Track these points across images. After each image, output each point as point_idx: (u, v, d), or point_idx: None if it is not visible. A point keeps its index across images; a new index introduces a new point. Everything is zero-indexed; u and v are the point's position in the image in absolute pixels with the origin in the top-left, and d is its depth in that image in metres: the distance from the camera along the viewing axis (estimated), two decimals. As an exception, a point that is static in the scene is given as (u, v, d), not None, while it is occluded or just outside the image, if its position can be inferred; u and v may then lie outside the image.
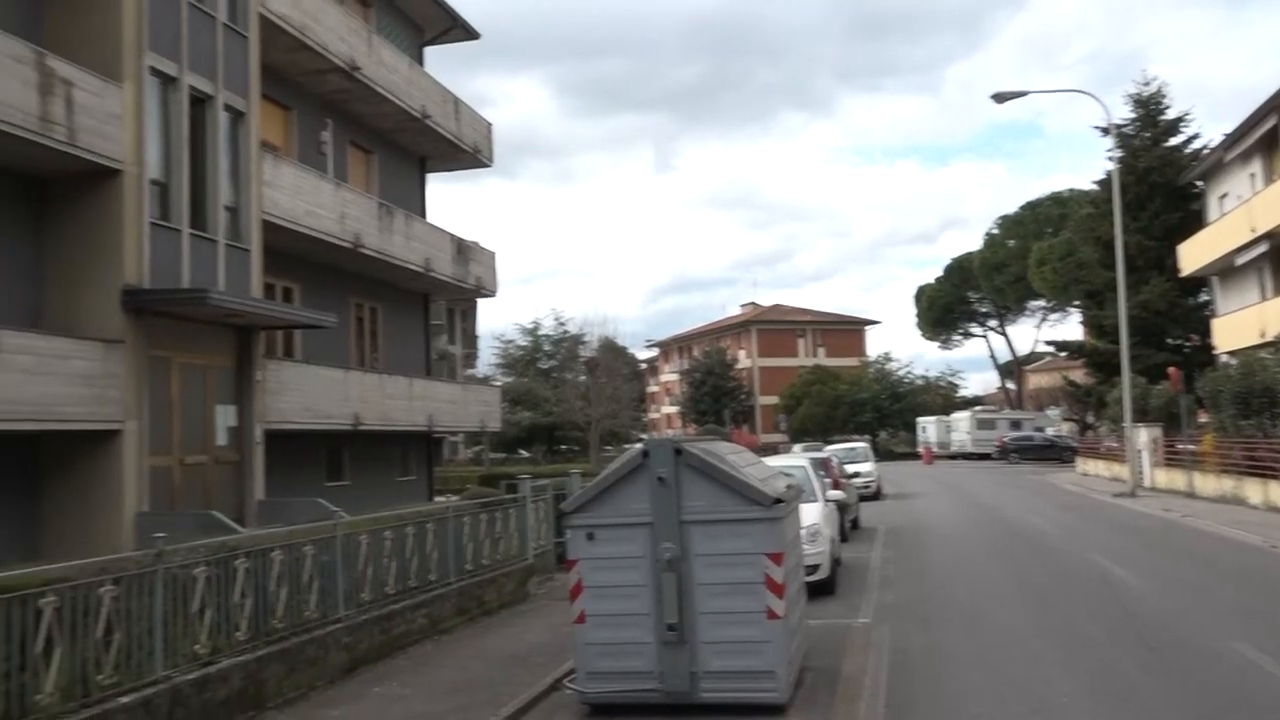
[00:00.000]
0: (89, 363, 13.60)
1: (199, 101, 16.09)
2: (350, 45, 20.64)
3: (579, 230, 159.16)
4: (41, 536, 13.88)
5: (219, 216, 16.29)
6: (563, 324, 60.35)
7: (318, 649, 9.37)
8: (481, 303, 45.22)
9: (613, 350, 56.54)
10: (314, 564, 9.62)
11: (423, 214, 26.12)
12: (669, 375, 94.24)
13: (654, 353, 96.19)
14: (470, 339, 53.46)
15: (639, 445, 8.60)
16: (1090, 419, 49.62)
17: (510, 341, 61.75)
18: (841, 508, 18.37)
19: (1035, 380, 78.40)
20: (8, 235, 13.89)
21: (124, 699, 7.02)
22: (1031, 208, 68.40)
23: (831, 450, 29.80)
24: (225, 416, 16.46)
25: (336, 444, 21.40)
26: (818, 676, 9.04)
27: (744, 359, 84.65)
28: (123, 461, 13.98)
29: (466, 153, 27.05)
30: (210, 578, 8.23)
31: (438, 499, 23.88)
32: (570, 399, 49.99)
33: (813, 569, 12.65)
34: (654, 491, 8.10)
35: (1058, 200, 65.33)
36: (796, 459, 19.41)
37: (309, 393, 18.71)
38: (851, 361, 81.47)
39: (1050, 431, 60.68)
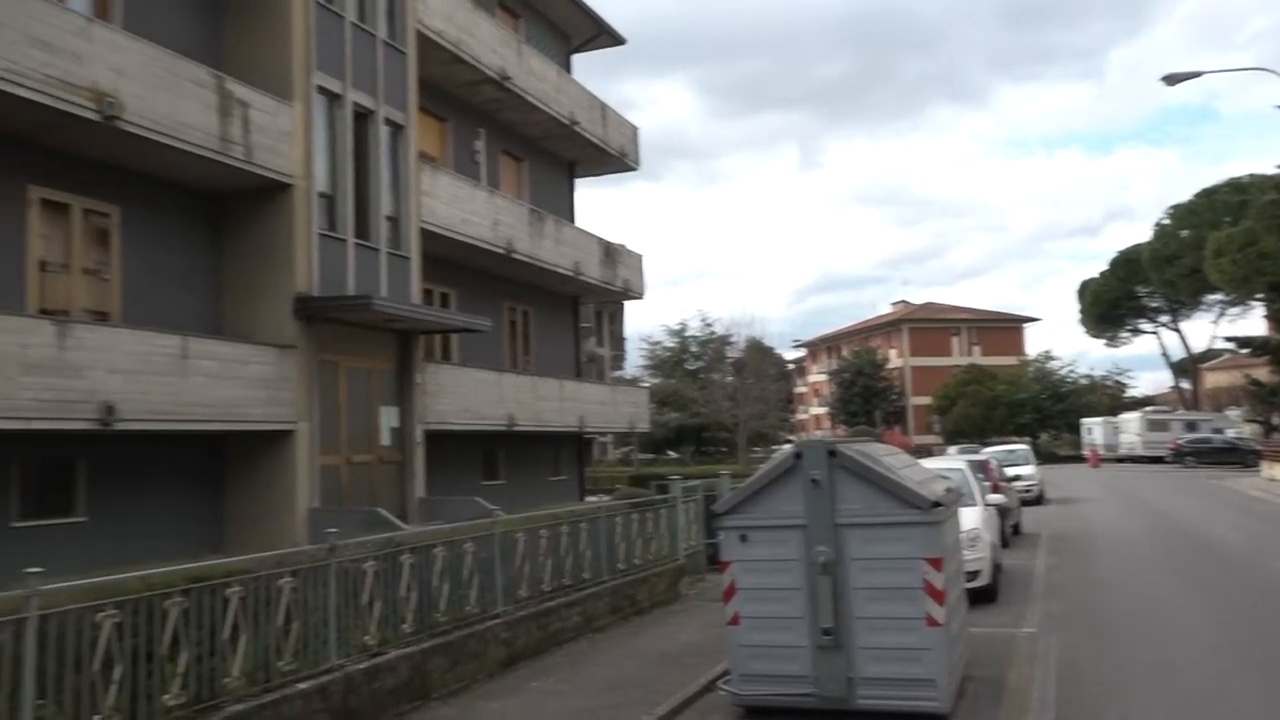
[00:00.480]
0: (265, 367, 14.44)
1: (362, 116, 16.86)
2: (501, 56, 21.22)
3: (724, 231, 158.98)
4: (225, 530, 14.83)
5: (381, 226, 17.03)
6: (709, 325, 60.30)
7: (478, 643, 9.65)
8: (629, 305, 45.71)
9: (759, 351, 56.10)
10: (474, 560, 9.91)
11: (571, 219, 26.60)
12: (817, 376, 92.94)
13: (801, 353, 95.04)
14: (618, 341, 54.07)
15: (791, 446, 8.50)
16: (1276, 420, 46.13)
17: (657, 343, 62.11)
18: (1002, 512, 17.70)
19: (1213, 379, 73.52)
20: (191, 249, 14.89)
21: (302, 685, 7.41)
22: (1208, 195, 64.10)
23: (990, 452, 28.75)
24: (389, 417, 17.18)
25: (491, 444, 22.02)
26: (981, 687, 8.72)
27: (895, 359, 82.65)
28: (296, 460, 14.77)
29: (613, 157, 27.40)
30: (378, 572, 8.59)
31: (589, 499, 24.26)
32: (717, 400, 49.91)
33: (973, 575, 12.21)
34: (808, 493, 7.98)
35: (1237, 186, 61.01)
36: (953, 461, 18.82)
37: (465, 395, 19.33)
38: (1009, 360, 78.34)
39: (1231, 434, 56.76)
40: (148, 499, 13.73)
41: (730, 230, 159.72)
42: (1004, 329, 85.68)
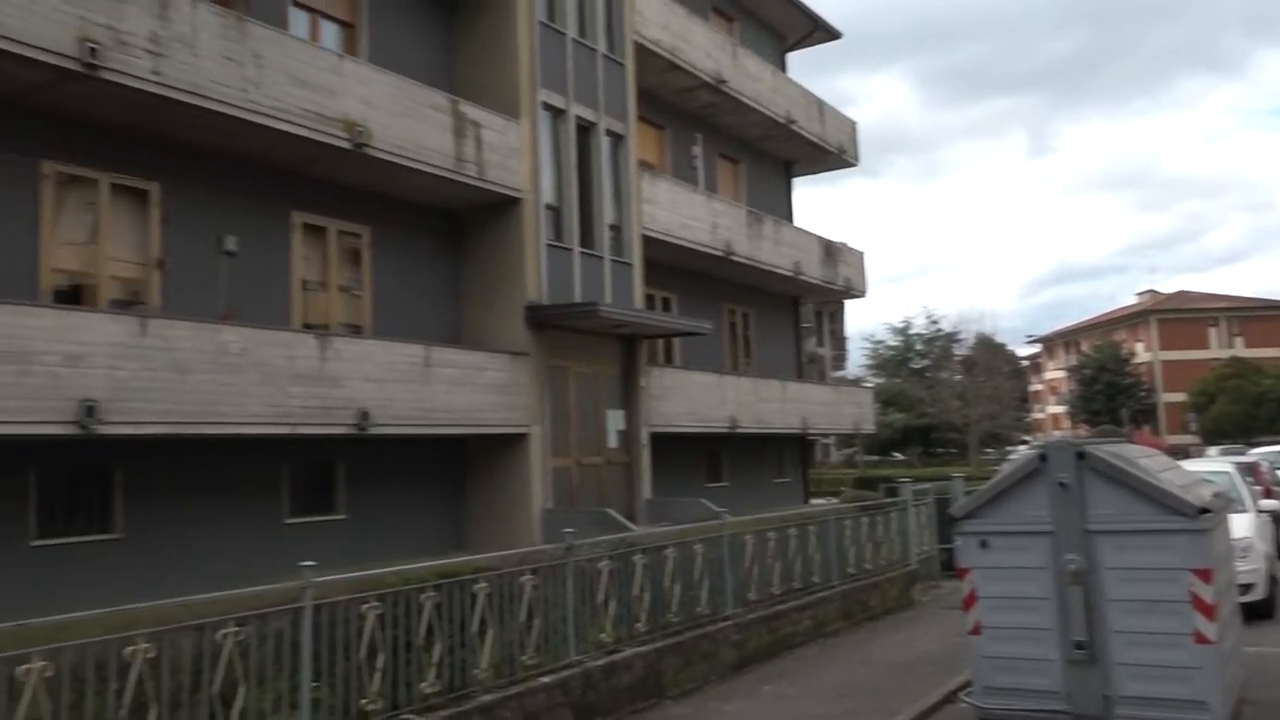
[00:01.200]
0: (500, 373, 15.16)
1: (584, 129, 17.40)
2: (716, 60, 21.33)
3: (948, 224, 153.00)
4: (466, 528, 15.68)
5: (604, 234, 17.51)
6: (935, 322, 58.11)
7: (710, 644, 9.70)
8: (850, 304, 44.78)
9: (990, 347, 53.53)
10: (703, 562, 9.97)
11: (790, 219, 26.38)
12: (1054, 372, 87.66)
13: (1036, 349, 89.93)
14: (839, 341, 53.07)
15: (1034, 448, 8.02)
16: None
17: (880, 342, 60.50)
18: (1277, 519, 16.00)
19: None
20: (432, 263, 15.85)
21: (544, 679, 7.69)
22: None
23: (1259, 454, 26.09)
24: (615, 421, 17.63)
25: (715, 446, 22.15)
26: (1260, 711, 7.92)
27: (1142, 352, 76.67)
28: (530, 462, 15.41)
29: (832, 154, 26.96)
30: (612, 571, 8.80)
31: (813, 501, 23.94)
32: (946, 399, 48.02)
33: (1246, 588, 11.11)
34: (1054, 498, 7.50)
35: None
36: (1217, 463, 17.19)
37: (689, 397, 19.54)
38: (1278, 352, 70.95)
39: None
40: (397, 498, 14.72)
41: (954, 223, 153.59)
42: (1271, 318, 77.68)
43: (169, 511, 11.89)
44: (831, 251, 25.99)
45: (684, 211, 19.91)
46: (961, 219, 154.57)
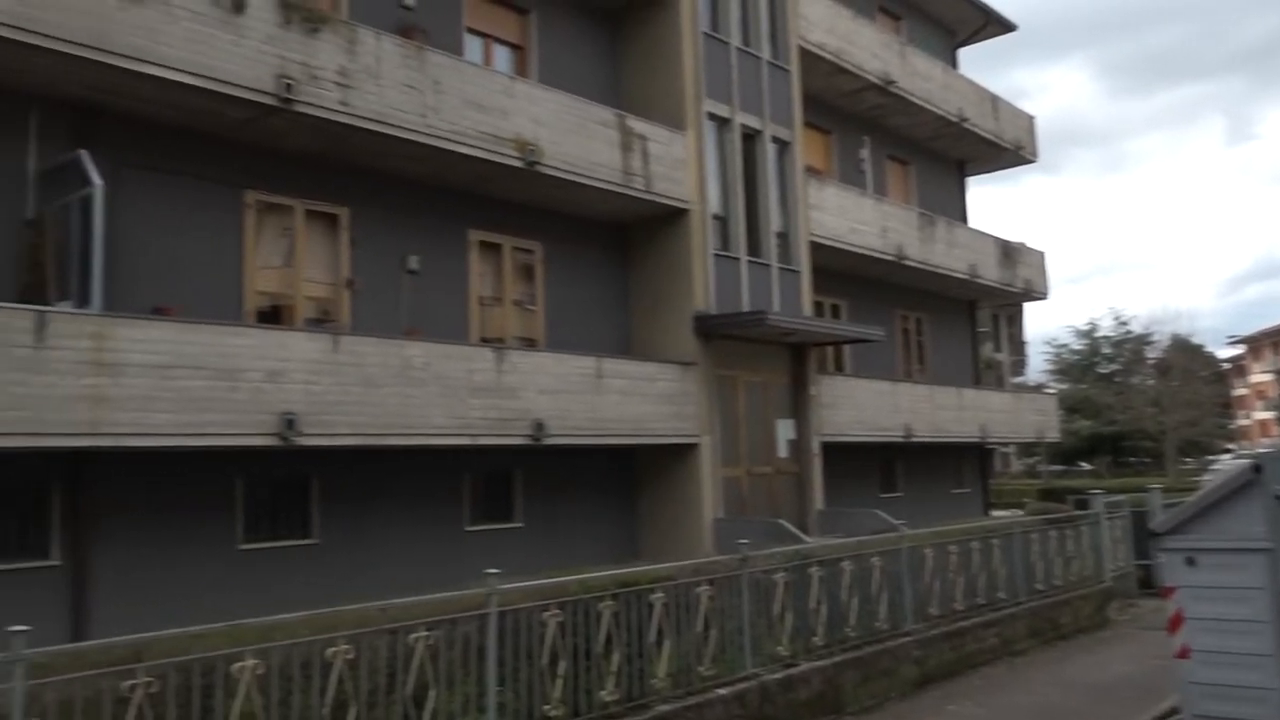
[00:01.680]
0: (669, 384, 15.24)
1: (749, 137, 17.34)
2: (884, 60, 20.85)
3: (1134, 220, 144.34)
4: (638, 537, 15.83)
5: (771, 242, 17.38)
6: (1124, 323, 54.78)
7: (890, 660, 9.43)
8: (1029, 307, 42.79)
9: (1187, 350, 50.07)
10: (881, 575, 9.71)
11: (964, 219, 25.47)
12: (1261, 375, 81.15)
13: (1239, 350, 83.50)
14: (1018, 345, 50.76)
15: (1245, 458, 7.41)
16: None
17: (1063, 346, 57.54)
18: None
19: None
20: (601, 276, 16.13)
21: (721, 690, 7.66)
22: None
23: None
24: (785, 430, 17.43)
25: (888, 455, 21.58)
26: None
27: (1363, 352, 70.00)
28: (701, 472, 15.43)
29: (1007, 151, 25.87)
30: (788, 583, 8.68)
31: (994, 513, 22.96)
32: (1138, 406, 45.20)
33: None
34: (1271, 513, 6.92)
35: None
36: None
37: (860, 405, 19.12)
38: None
39: None
40: (571, 507, 15.02)
41: (1142, 218, 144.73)
42: None
43: (360, 518, 12.53)
44: (1009, 252, 24.93)
45: (852, 216, 19.53)
46: (1150, 214, 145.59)
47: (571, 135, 14.23)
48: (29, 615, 8.92)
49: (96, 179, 9.65)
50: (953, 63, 25.92)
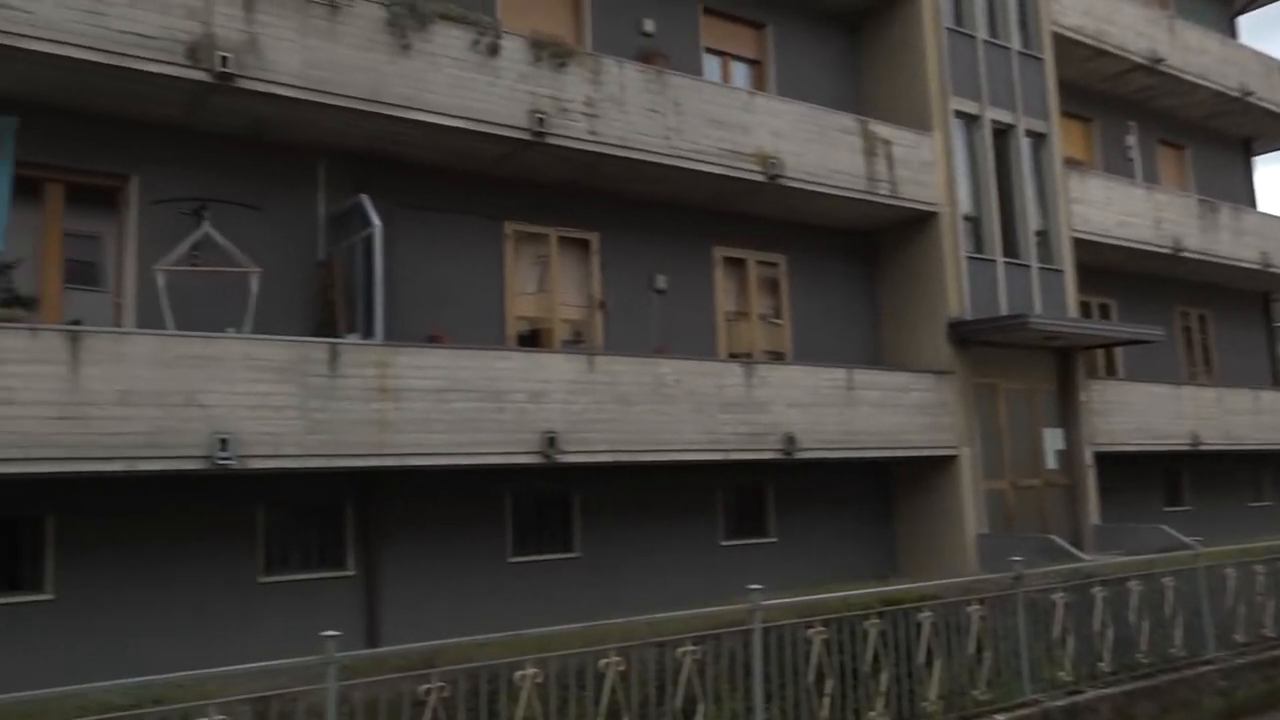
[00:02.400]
0: (923, 394, 14.69)
1: (1001, 133, 16.49)
2: (1150, 38, 19.27)
3: None
4: (896, 554, 15.32)
5: (1029, 241, 16.42)
6: None
7: (1189, 690, 8.59)
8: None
9: None
10: (1175, 597, 8.87)
11: (1252, 203, 23.03)
12: None
13: None
14: (1321, 340, 45.22)
15: None
16: None
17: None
18: None
19: None
20: (848, 285, 15.81)
21: (999, 716, 7.24)
22: None
23: None
24: (1052, 440, 16.36)
25: (1173, 466, 19.77)
26: None
27: None
28: (961, 485, 14.74)
29: (1302, 123, 23.20)
30: (1067, 604, 8.10)
31: (1303, 528, 20.48)
32: None
33: None
34: None
35: None
36: None
37: (1138, 412, 17.65)
38: None
39: None
40: (824, 522, 14.76)
41: None
42: None
43: (618, 533, 12.88)
44: (1309, 236, 22.27)
45: (1120, 208, 18.12)
46: None
47: (813, 145, 14.08)
48: (331, 620, 9.77)
49: (375, 220, 10.51)
50: (1231, 32, 23.60)
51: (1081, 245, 17.32)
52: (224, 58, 9.62)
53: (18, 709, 4.38)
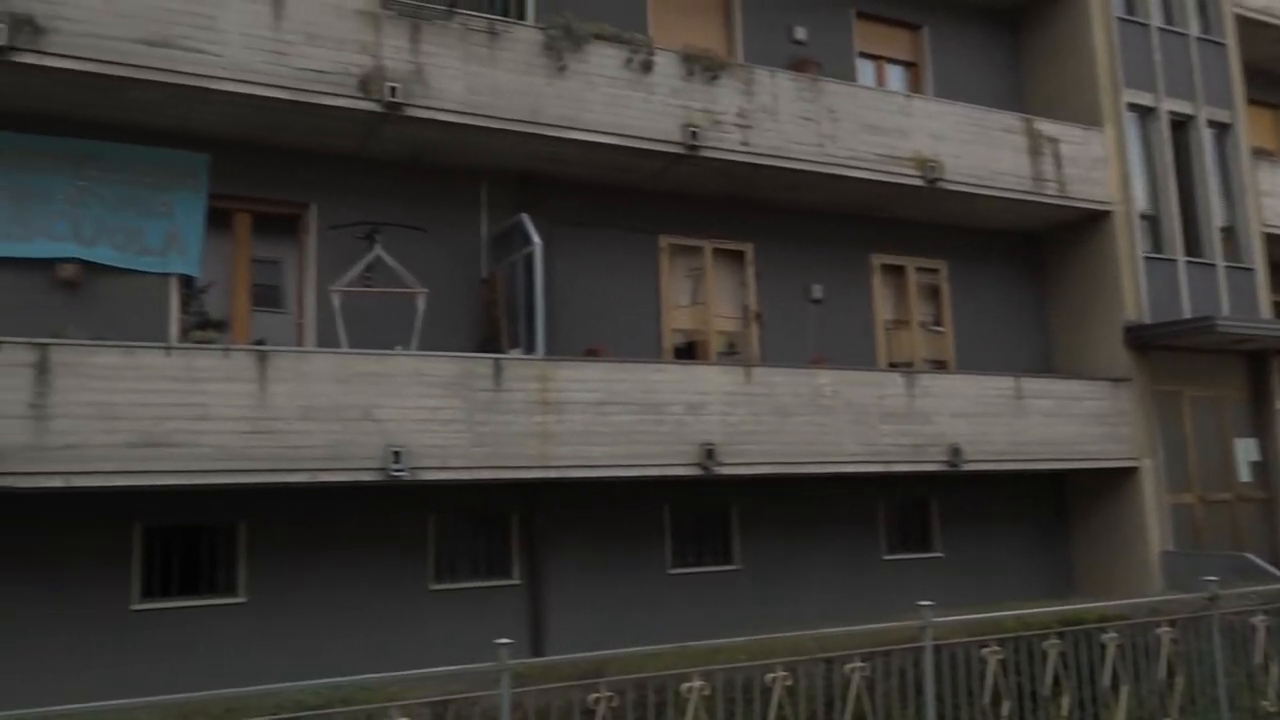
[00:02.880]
0: (1099, 402, 13.95)
1: (1179, 124, 15.55)
2: (1347, 15, 17.79)
3: None
4: (1071, 570, 14.58)
5: (1214, 239, 15.39)
6: None
7: None
8: None
9: None
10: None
11: None
12: None
13: None
14: None
15: None
16: None
17: None
18: None
19: None
20: (1013, 290, 15.18)
21: (1195, 747, 6.78)
22: None
23: None
24: (1246, 451, 15.25)
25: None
26: None
27: None
28: (1143, 499, 13.91)
29: None
30: (1269, 628, 7.51)
31: None
32: None
33: None
34: None
35: None
36: None
37: (1343, 420, 16.24)
38: None
39: None
40: (993, 536, 14.19)
41: None
42: None
43: (777, 545, 12.73)
44: None
45: (1317, 200, 16.78)
46: None
47: (973, 146, 13.62)
48: (499, 627, 10.08)
49: (535, 238, 10.79)
50: None
51: (1274, 241, 16.12)
52: (393, 88, 10.09)
53: (221, 704, 4.68)
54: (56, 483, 8.46)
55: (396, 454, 9.52)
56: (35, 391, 8.41)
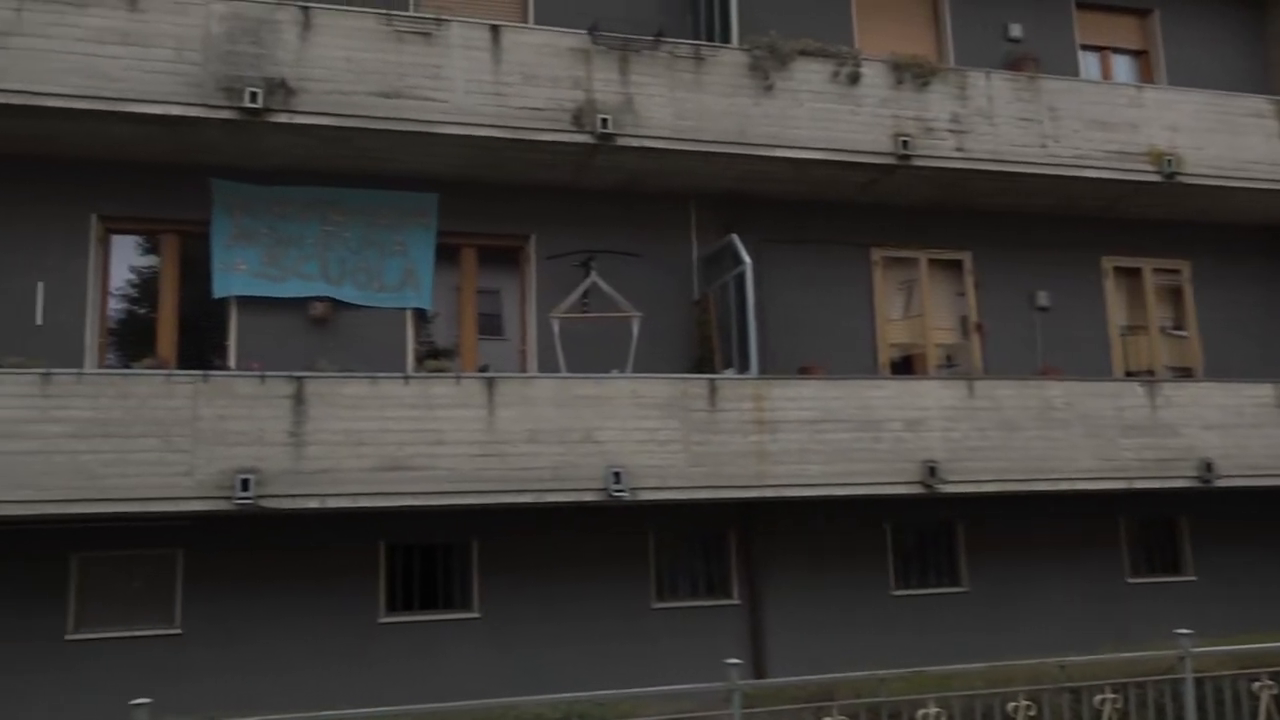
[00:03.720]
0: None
1: None
2: None
3: None
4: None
5: None
6: None
7: None
8: None
9: None
10: None
11: None
12: None
13: None
14: None
15: None
16: None
17: None
18: None
19: None
20: (1269, 290, 13.83)
21: None
22: None
23: None
24: None
25: None
26: None
27: None
28: None
29: None
30: None
31: None
32: None
33: None
34: None
35: None
36: None
37: None
38: None
39: None
40: (1256, 561, 12.95)
41: None
42: None
43: (1008, 567, 12.12)
44: None
45: None
46: None
47: (1215, 135, 12.59)
48: (720, 647, 10.13)
49: (745, 258, 10.81)
50: None
51: None
52: (604, 119, 10.41)
53: (468, 715, 4.93)
54: (313, 504, 9.20)
55: (617, 474, 9.75)
56: (293, 420, 9.20)
